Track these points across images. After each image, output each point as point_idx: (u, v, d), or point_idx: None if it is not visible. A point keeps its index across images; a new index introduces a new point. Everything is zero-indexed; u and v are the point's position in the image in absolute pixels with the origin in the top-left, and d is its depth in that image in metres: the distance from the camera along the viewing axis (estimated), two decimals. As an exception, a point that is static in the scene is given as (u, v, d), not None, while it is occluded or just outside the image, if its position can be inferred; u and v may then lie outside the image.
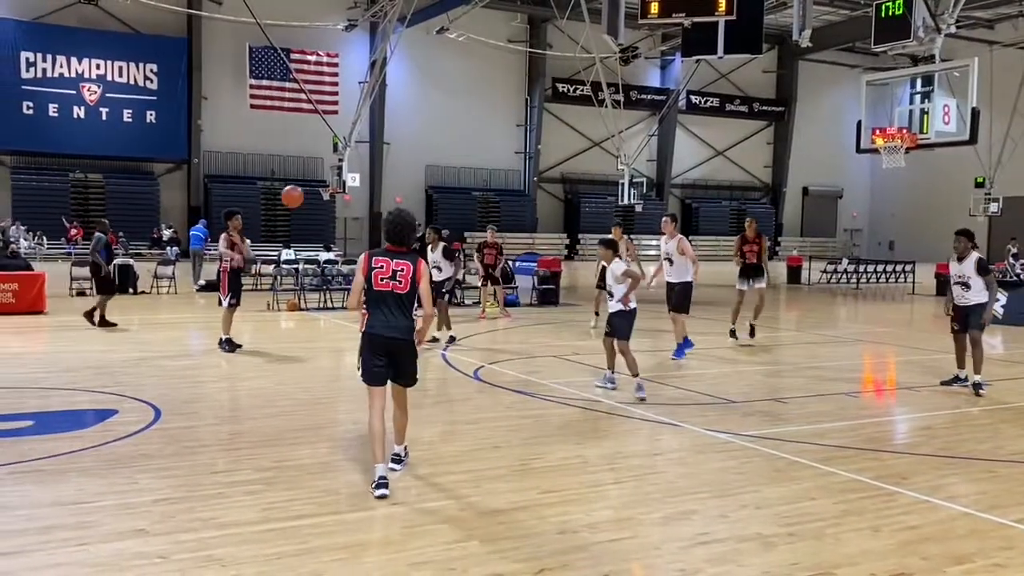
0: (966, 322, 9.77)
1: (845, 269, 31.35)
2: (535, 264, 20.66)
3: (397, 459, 6.25)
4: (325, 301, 18.83)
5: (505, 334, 15.02)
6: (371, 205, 42.23)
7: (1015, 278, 26.41)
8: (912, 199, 51.64)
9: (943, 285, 25.58)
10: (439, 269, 12.79)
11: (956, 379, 10.04)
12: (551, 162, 47.26)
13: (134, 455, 6.56)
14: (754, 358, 12.55)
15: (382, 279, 5.72)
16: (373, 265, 5.78)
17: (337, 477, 6.14)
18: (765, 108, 52.45)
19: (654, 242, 40.26)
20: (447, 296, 13.64)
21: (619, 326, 9.15)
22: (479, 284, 17.60)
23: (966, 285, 9.70)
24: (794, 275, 30.99)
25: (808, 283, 30.32)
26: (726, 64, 44.41)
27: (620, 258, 9.36)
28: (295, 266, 20.87)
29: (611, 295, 9.12)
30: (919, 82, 14.51)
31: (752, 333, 13.56)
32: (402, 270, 5.71)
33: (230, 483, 5.90)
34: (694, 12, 18.88)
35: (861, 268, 31.78)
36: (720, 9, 18.51)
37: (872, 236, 55.83)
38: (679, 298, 11.83)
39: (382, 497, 5.53)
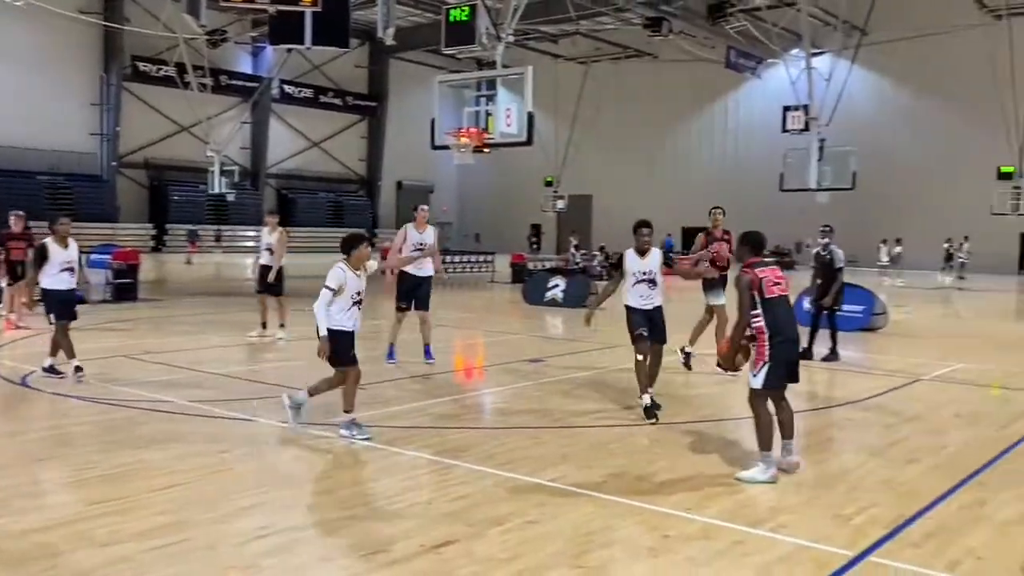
0: (651, 329, 8.14)
1: (434, 259, 33.08)
2: (109, 257, 18.97)
3: None
4: None
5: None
6: (-94, 189, 35.79)
7: (575, 267, 29.90)
8: (494, 195, 56.16)
9: (518, 273, 28.17)
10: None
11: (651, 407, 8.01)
12: (133, 146, 43.82)
13: None
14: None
15: None
16: None
17: None
18: (358, 102, 53.55)
19: (251, 233, 39.22)
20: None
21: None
22: (4, 285, 14.20)
23: (652, 283, 8.17)
24: (387, 265, 32.01)
25: (400, 273, 31.49)
26: (319, 56, 44.50)
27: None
28: None
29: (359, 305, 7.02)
30: (484, 85, 15.74)
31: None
32: None
33: None
34: (278, 0, 18.66)
35: (449, 258, 33.74)
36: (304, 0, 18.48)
37: (461, 228, 59.68)
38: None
39: None
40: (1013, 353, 13.54)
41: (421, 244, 10.83)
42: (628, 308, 8.17)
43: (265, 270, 13.04)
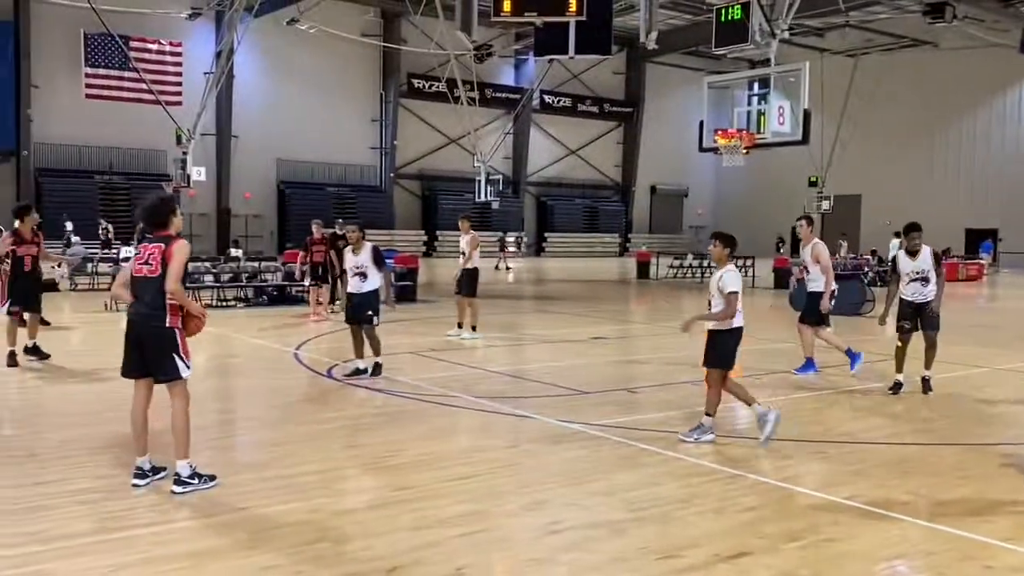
0: (918, 321, 9.29)
1: (690, 264, 32.61)
2: (391, 261, 20.42)
3: (178, 480, 5.57)
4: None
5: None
6: (218, 201, 40.78)
7: (846, 271, 28.24)
8: (752, 197, 54.39)
9: (781, 278, 27.06)
10: (363, 276, 9.94)
11: (898, 385, 9.33)
12: (408, 158, 46.99)
13: (-50, 468, 6.05)
14: (606, 351, 12.86)
15: (138, 264, 5.72)
16: (138, 252, 5.83)
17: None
18: (615, 109, 53.98)
19: (509, 238, 40.74)
20: (373, 317, 9.92)
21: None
22: (308, 284, 16.46)
23: (925, 280, 9.22)
24: (643, 270, 32.04)
25: (656, 278, 31.40)
26: (577, 65, 45.40)
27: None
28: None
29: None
30: (756, 85, 15.27)
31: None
32: (153, 253, 5.66)
33: (60, 493, 5.53)
34: (545, 11, 19.18)
35: (705, 263, 33.12)
36: (571, 9, 18.86)
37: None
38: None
39: (135, 487, 5.61)
40: None
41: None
42: (900, 301, 9.48)
43: (465, 272, 13.63)
